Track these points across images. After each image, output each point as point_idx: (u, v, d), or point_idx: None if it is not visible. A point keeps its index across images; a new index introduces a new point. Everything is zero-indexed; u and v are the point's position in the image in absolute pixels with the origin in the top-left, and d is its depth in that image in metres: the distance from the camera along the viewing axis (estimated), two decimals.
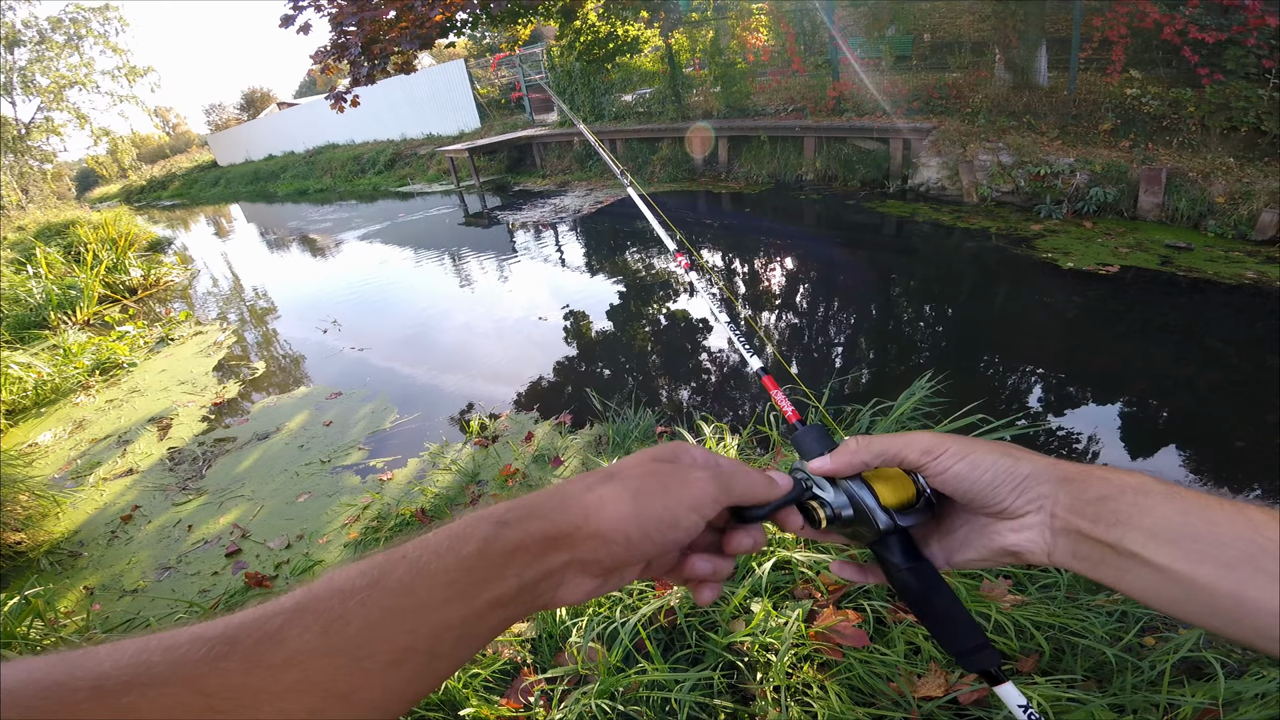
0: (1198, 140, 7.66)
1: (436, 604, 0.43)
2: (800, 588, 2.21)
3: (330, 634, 0.40)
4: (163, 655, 0.36)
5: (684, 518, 0.52)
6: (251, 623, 0.39)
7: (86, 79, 32.66)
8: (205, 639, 0.38)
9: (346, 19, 8.86)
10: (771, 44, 13.60)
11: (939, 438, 0.61)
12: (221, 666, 0.36)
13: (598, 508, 0.49)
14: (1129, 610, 2.08)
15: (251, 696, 0.36)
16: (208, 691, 0.35)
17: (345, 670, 0.39)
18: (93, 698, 0.33)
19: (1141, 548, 0.49)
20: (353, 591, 0.42)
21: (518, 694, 2.08)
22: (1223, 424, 4.00)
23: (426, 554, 0.45)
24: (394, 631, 0.41)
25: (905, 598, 0.64)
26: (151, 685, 0.34)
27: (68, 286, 9.94)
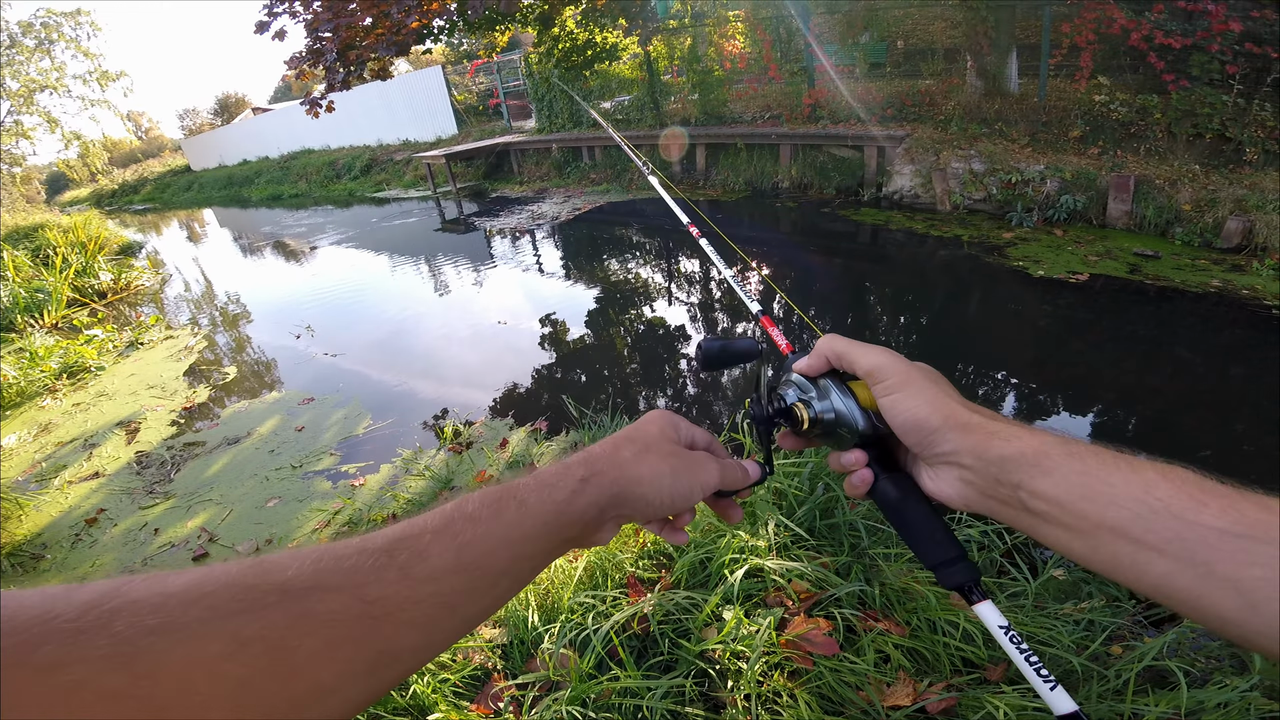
0: (1164, 147, 7.79)
1: (532, 538, 0.53)
2: (772, 595, 2.21)
3: (461, 555, 0.48)
4: (335, 563, 0.43)
5: (696, 494, 0.64)
6: (405, 539, 0.47)
7: (57, 83, 32.21)
8: (370, 551, 0.45)
9: (322, 25, 8.79)
10: (748, 51, 13.68)
11: (885, 362, 0.64)
12: (381, 577, 0.43)
13: (649, 481, 0.61)
14: (1095, 620, 2.09)
15: (398, 604, 0.43)
16: (368, 599, 0.42)
17: (465, 587, 0.48)
18: (279, 600, 0.39)
19: (1045, 508, 0.52)
20: (479, 520, 0.50)
21: (488, 699, 2.06)
22: (1190, 433, 4.06)
23: (530, 495, 0.54)
24: (502, 557, 0.50)
25: (883, 508, 0.65)
26: (326, 590, 0.41)
27: (35, 290, 9.78)
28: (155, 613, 0.34)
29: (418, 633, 0.44)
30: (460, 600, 0.47)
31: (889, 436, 0.64)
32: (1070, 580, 2.39)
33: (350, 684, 0.40)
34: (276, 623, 0.38)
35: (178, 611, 0.35)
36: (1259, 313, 5.27)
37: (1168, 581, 0.45)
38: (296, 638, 0.38)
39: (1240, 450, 3.82)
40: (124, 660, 0.32)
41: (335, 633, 0.40)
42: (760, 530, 2.41)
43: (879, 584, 2.20)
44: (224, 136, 35.21)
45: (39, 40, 31.12)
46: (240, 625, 0.36)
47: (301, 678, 0.38)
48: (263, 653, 0.36)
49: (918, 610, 2.10)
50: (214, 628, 0.35)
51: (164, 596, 0.36)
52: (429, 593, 0.45)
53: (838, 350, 0.67)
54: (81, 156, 37.64)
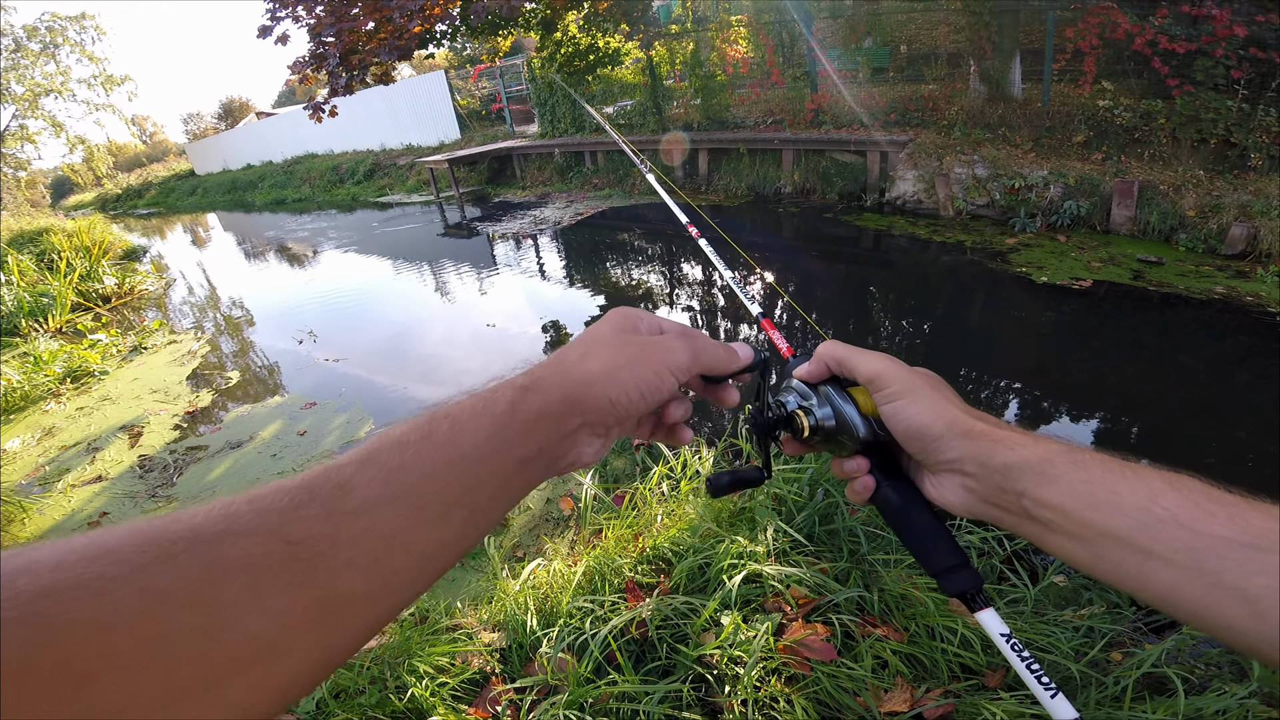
0: (1169, 152, 7.78)
1: (476, 458, 0.47)
2: (770, 601, 2.21)
3: (392, 483, 0.43)
4: (249, 506, 0.39)
5: (666, 380, 0.58)
6: (326, 473, 0.43)
7: (62, 87, 32.32)
8: (286, 490, 0.41)
9: (325, 30, 8.82)
10: (751, 56, 13.71)
11: (886, 369, 0.63)
12: (302, 514, 0.40)
13: (601, 376, 0.55)
14: (1095, 626, 2.09)
15: (328, 543, 0.39)
16: (291, 539, 0.38)
17: (405, 518, 0.43)
18: (189, 547, 0.35)
19: (1050, 516, 0.52)
20: (408, 444, 0.46)
21: (486, 703, 2.06)
22: (1193, 440, 4.05)
23: (464, 413, 0.49)
24: (444, 482, 0.45)
25: (885, 515, 0.65)
26: (241, 534, 0.37)
27: (40, 294, 9.82)
28: (55, 570, 0.32)
29: (361, 575, 0.40)
30: (404, 534, 0.43)
31: (891, 443, 0.63)
32: (1070, 587, 2.39)
33: (294, 637, 0.37)
34: (189, 571, 0.35)
35: (78, 567, 0.32)
36: (1263, 320, 5.26)
37: (1173, 591, 0.45)
38: (214, 586, 0.35)
39: (1244, 457, 3.81)
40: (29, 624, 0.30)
41: (258, 579, 0.36)
42: (759, 536, 2.40)
43: (877, 590, 2.20)
44: (228, 141, 35.30)
45: (44, 44, 31.24)
46: (149, 577, 0.33)
47: (231, 630, 0.35)
48: (181, 606, 0.33)
49: (916, 616, 2.09)
50: (121, 583, 0.33)
51: (64, 553, 0.33)
52: (361, 528, 0.41)
53: (838, 356, 0.67)
54: (86, 161, 37.82)
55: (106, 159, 38.90)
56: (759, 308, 0.99)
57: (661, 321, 0.63)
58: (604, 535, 2.74)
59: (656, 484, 3.01)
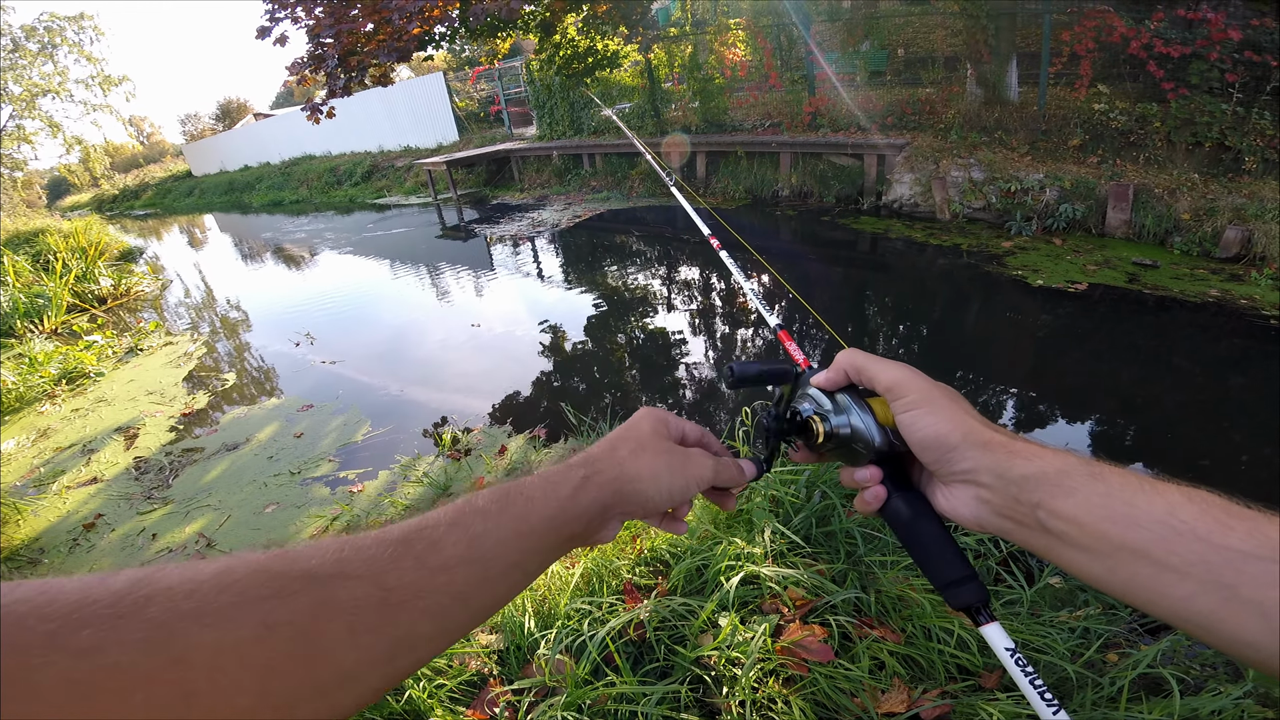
0: (1164, 156, 7.80)
1: (539, 533, 0.55)
2: (768, 602, 2.21)
3: (473, 547, 0.50)
4: (356, 553, 0.45)
5: (692, 489, 0.67)
6: (422, 531, 0.49)
7: (60, 87, 32.29)
8: (388, 542, 0.47)
9: (323, 31, 8.82)
10: (749, 59, 13.71)
11: (905, 378, 0.63)
12: (398, 565, 0.46)
13: (646, 476, 0.64)
14: (1091, 627, 2.09)
15: (414, 593, 0.45)
16: (387, 586, 0.44)
17: (477, 577, 0.50)
18: (305, 586, 0.41)
19: (1064, 528, 0.51)
20: (489, 514, 0.53)
21: (484, 705, 2.06)
22: (1189, 442, 4.06)
23: (536, 491, 0.57)
24: (511, 550, 0.53)
25: (894, 526, 0.65)
26: (348, 578, 0.43)
27: (35, 295, 9.80)
28: (188, 598, 0.36)
29: (432, 621, 0.46)
30: (472, 590, 0.49)
31: (904, 454, 0.63)
32: (1066, 588, 2.40)
33: (370, 670, 0.42)
34: (302, 608, 0.40)
35: (209, 597, 0.36)
36: (1257, 322, 5.28)
37: (1188, 604, 0.45)
38: (321, 623, 0.40)
39: (1239, 460, 3.82)
40: (159, 644, 0.33)
41: (356, 619, 0.42)
42: (757, 537, 2.41)
43: (875, 591, 2.20)
44: (225, 142, 35.23)
45: (42, 45, 31.20)
46: (268, 611, 0.38)
47: (325, 663, 0.40)
48: (289, 638, 0.38)
49: (913, 617, 2.10)
50: (244, 612, 0.37)
51: (196, 583, 0.37)
52: (443, 582, 0.47)
53: (858, 365, 0.67)
54: (83, 161, 37.78)
55: (103, 160, 38.85)
56: (778, 319, 1.01)
57: (684, 426, 0.73)
58: None
59: None
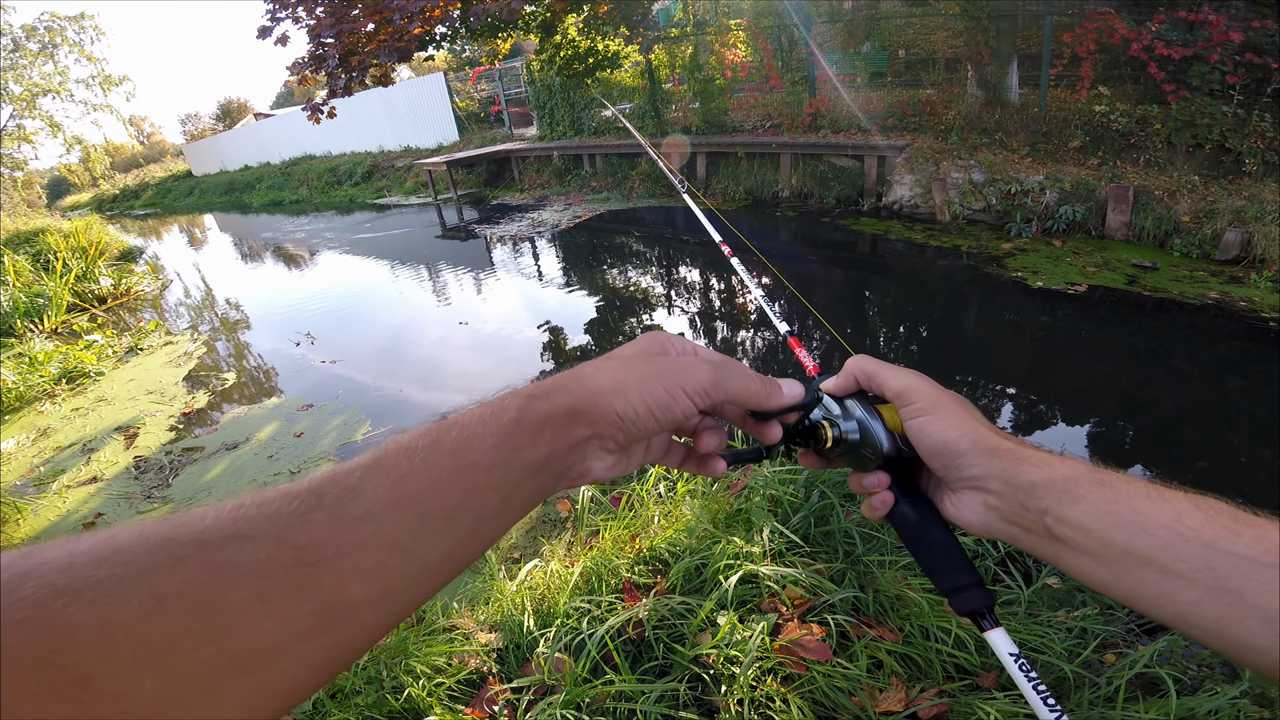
0: (1164, 158, 7.81)
1: (484, 465, 0.47)
2: (766, 601, 2.22)
3: (399, 489, 0.43)
4: (257, 510, 0.39)
5: (679, 401, 0.55)
6: (334, 478, 0.43)
7: (60, 87, 32.30)
8: (294, 494, 0.41)
9: (324, 31, 8.84)
10: (749, 60, 13.72)
11: (915, 385, 0.63)
12: (309, 519, 0.39)
13: (610, 388, 0.54)
14: (1089, 628, 2.10)
15: (334, 549, 0.39)
16: (297, 544, 0.38)
17: (410, 525, 0.42)
18: (196, 551, 0.35)
19: (1072, 535, 0.51)
20: (415, 450, 0.45)
21: (483, 703, 2.06)
22: (1188, 445, 4.06)
23: (473, 421, 0.49)
24: (450, 489, 0.45)
25: (900, 531, 0.65)
26: (248, 539, 0.37)
27: (35, 295, 9.80)
28: (64, 573, 0.32)
29: (367, 581, 0.40)
30: (410, 541, 0.42)
31: (911, 460, 0.64)
32: (1064, 589, 2.40)
33: (299, 643, 0.37)
34: (195, 576, 0.35)
35: (85, 570, 0.32)
36: (1256, 325, 5.28)
37: (1194, 610, 0.45)
38: (220, 591, 0.35)
39: (1237, 462, 3.83)
40: (39, 626, 0.30)
41: (265, 584, 0.36)
42: (755, 536, 2.41)
43: (873, 591, 2.21)
44: (225, 142, 35.25)
45: (42, 44, 31.21)
46: (155, 581, 0.34)
47: (235, 636, 0.35)
48: (185, 610, 0.34)
49: (911, 617, 2.10)
50: (127, 586, 0.33)
51: (71, 556, 0.33)
52: (369, 534, 0.41)
53: (867, 371, 0.66)
54: (83, 161, 37.82)
55: (103, 159, 38.88)
56: (787, 325, 1.00)
57: (697, 348, 0.62)
58: (601, 536, 2.75)
59: (654, 485, 3.02)
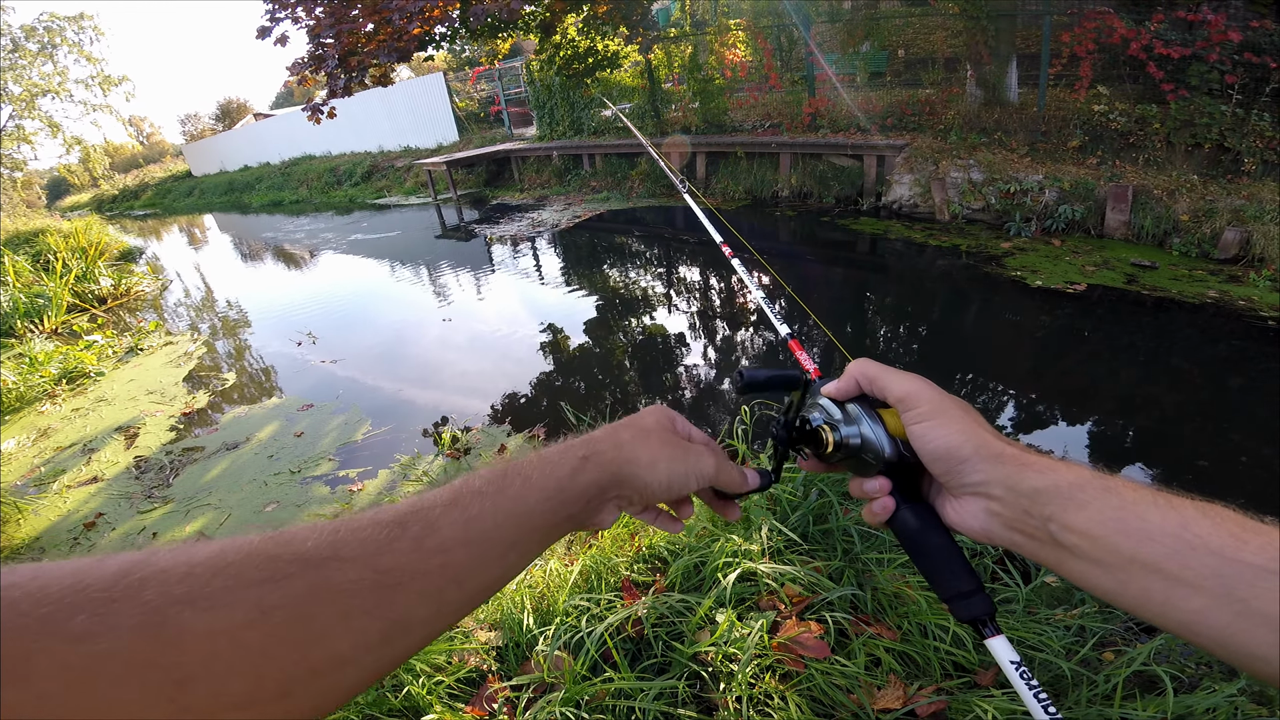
0: (1163, 157, 7.82)
1: (537, 513, 0.55)
2: (764, 599, 2.22)
3: (470, 528, 0.50)
4: (351, 535, 0.45)
5: (690, 483, 0.66)
6: (417, 512, 0.49)
7: (60, 87, 32.26)
8: (383, 523, 0.47)
9: (324, 31, 8.83)
10: (749, 60, 13.72)
11: (918, 390, 0.63)
12: (394, 548, 0.45)
13: (646, 463, 0.63)
14: (1086, 625, 2.10)
15: (409, 575, 0.45)
16: (382, 569, 0.44)
17: (473, 559, 0.49)
18: (299, 570, 0.40)
19: (1077, 542, 0.51)
20: (486, 495, 0.53)
21: (483, 701, 2.06)
22: (1187, 444, 4.06)
23: (533, 473, 0.56)
24: (508, 531, 0.52)
25: (901, 537, 0.65)
26: (343, 560, 0.43)
27: (35, 295, 9.82)
28: (182, 581, 0.36)
29: (428, 604, 0.46)
30: (468, 573, 0.49)
31: (913, 466, 0.63)
32: (1062, 587, 2.40)
33: (365, 654, 0.42)
34: (297, 592, 0.39)
35: (203, 580, 0.36)
36: (1255, 324, 5.29)
37: (1200, 618, 0.45)
38: (315, 606, 0.40)
39: (1237, 461, 3.83)
40: (153, 629, 0.33)
41: (351, 602, 0.42)
42: (754, 534, 2.42)
43: (871, 589, 2.21)
44: (225, 142, 35.24)
45: (42, 45, 31.18)
46: (263, 594, 0.38)
47: (320, 646, 0.39)
48: (283, 621, 0.38)
49: (909, 614, 2.10)
50: (238, 596, 0.37)
51: (190, 566, 0.37)
52: (438, 564, 0.47)
53: (869, 375, 0.67)
54: (83, 161, 37.77)
55: (103, 160, 38.81)
56: (786, 328, 1.02)
57: (691, 428, 0.72)
58: (600, 535, 2.75)
59: None
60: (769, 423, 4.10)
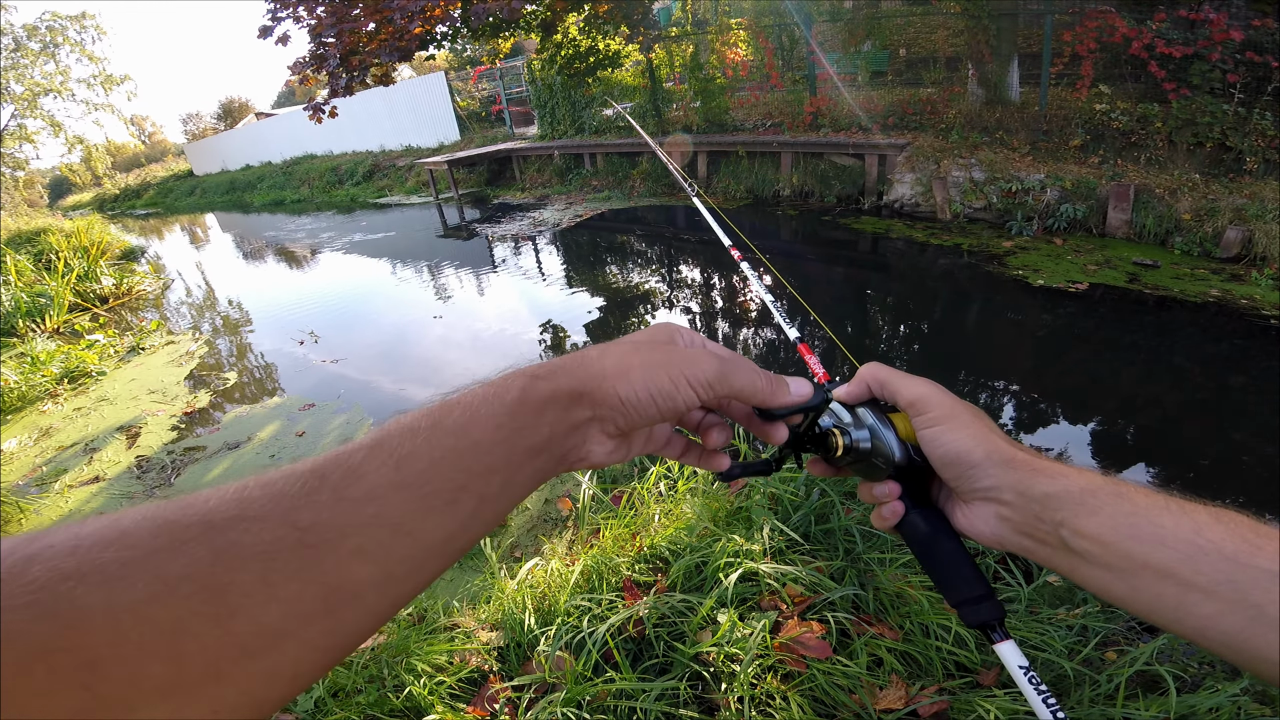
0: (1164, 156, 7.81)
1: (486, 445, 0.46)
2: (766, 599, 2.22)
3: (402, 469, 0.43)
4: (261, 491, 0.39)
5: (682, 390, 0.54)
6: (337, 458, 0.42)
7: (62, 87, 32.30)
8: (298, 475, 0.40)
9: (325, 30, 8.85)
10: (750, 59, 13.71)
11: (929, 394, 0.62)
12: (313, 500, 0.39)
13: (614, 372, 0.53)
14: (1089, 625, 2.10)
15: (337, 530, 0.39)
16: (301, 525, 0.38)
17: (412, 505, 0.42)
18: (201, 533, 0.35)
19: (1088, 547, 0.51)
20: (418, 430, 0.45)
21: (484, 701, 2.06)
22: (1189, 442, 4.06)
23: (476, 400, 0.48)
24: (452, 469, 0.44)
25: (910, 542, 0.64)
26: (253, 520, 0.37)
27: (37, 294, 9.81)
28: (70, 555, 0.32)
29: (370, 563, 0.40)
30: (412, 522, 0.42)
31: (922, 470, 0.63)
32: (1065, 586, 2.40)
33: (303, 625, 0.37)
34: (201, 558, 0.34)
35: (92, 553, 0.32)
36: (1257, 322, 5.28)
37: (1214, 623, 0.45)
38: (226, 573, 0.35)
39: (1239, 459, 3.83)
40: (46, 609, 0.30)
41: (270, 566, 0.36)
42: (755, 534, 2.42)
43: (873, 589, 2.21)
44: (227, 141, 35.23)
45: (44, 44, 31.23)
46: (161, 563, 0.33)
47: (241, 619, 0.34)
48: (191, 593, 0.33)
49: (911, 614, 2.10)
50: (133, 569, 0.33)
51: (78, 539, 0.33)
52: (370, 515, 0.40)
53: (880, 379, 0.66)
54: (85, 160, 37.84)
55: (105, 159, 38.91)
56: (795, 332, 1.00)
57: (705, 340, 0.62)
58: (602, 535, 2.75)
59: (654, 484, 3.02)
60: None
